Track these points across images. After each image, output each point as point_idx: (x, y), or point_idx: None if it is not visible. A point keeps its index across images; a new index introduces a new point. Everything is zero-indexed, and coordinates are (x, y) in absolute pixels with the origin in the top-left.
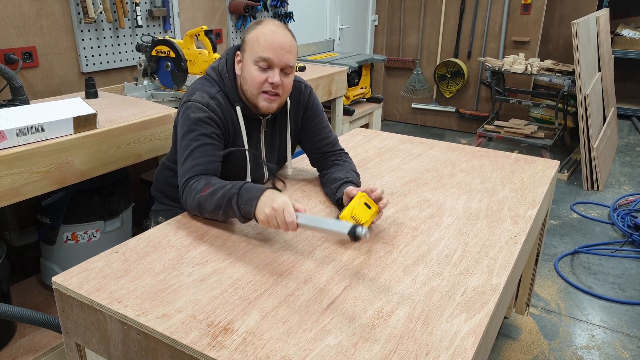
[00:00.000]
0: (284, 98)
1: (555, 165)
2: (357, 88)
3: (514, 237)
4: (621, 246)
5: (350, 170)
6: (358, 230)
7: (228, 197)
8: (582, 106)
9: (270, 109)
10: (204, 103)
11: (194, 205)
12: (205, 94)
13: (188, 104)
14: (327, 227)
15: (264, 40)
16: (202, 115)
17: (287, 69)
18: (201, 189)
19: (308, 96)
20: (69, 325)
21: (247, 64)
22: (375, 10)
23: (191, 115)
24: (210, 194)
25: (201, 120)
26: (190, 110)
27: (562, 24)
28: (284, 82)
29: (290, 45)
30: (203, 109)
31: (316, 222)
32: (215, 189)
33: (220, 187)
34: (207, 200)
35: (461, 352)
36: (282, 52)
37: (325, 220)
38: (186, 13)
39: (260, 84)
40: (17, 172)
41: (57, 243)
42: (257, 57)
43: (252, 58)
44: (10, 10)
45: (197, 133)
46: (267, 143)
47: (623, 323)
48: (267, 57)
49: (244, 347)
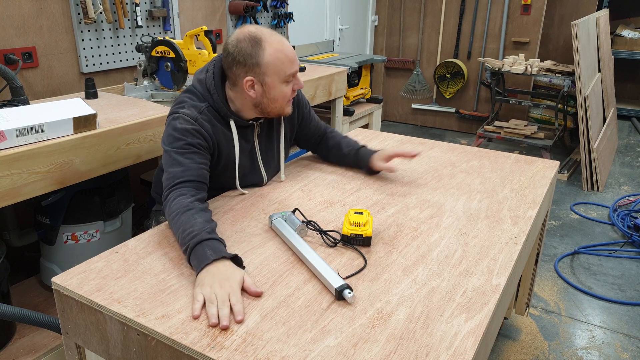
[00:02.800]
0: None
1: (555, 165)
2: (357, 88)
3: (513, 237)
4: (621, 247)
5: (350, 141)
6: (345, 293)
7: (183, 241)
8: (582, 107)
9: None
10: (192, 117)
11: (168, 215)
12: (194, 108)
13: (176, 115)
14: (320, 272)
15: (285, 57)
16: (189, 127)
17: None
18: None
19: (300, 96)
20: (68, 326)
21: (276, 86)
22: (375, 10)
23: (178, 126)
24: (181, 219)
25: (187, 131)
26: (178, 121)
27: (562, 24)
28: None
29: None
30: (190, 122)
31: (313, 263)
32: (186, 217)
33: (190, 223)
34: (172, 222)
35: (461, 353)
36: (296, 59)
37: (321, 264)
38: (186, 13)
39: (291, 96)
40: (17, 172)
41: (56, 243)
42: (287, 76)
43: (280, 79)
44: (10, 11)
45: (184, 142)
46: (263, 146)
47: (623, 324)
48: (295, 71)
49: (243, 347)
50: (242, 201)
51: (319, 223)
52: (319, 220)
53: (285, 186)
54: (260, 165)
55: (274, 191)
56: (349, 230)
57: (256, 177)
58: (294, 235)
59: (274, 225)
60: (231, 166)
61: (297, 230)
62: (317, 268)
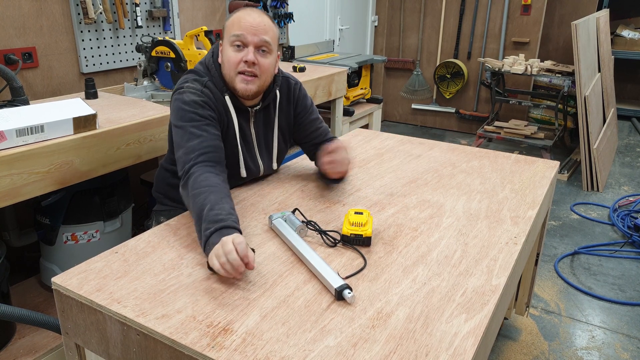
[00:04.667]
0: (262, 80)
1: (555, 166)
2: (357, 89)
3: (513, 237)
4: (621, 247)
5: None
6: (345, 293)
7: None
8: (582, 107)
9: (248, 90)
10: (197, 89)
11: (187, 198)
12: (197, 82)
13: (180, 90)
14: (320, 272)
15: (238, 20)
16: (197, 99)
17: (263, 48)
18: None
19: (298, 91)
20: (68, 326)
21: (225, 48)
22: (375, 11)
23: (186, 99)
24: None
25: (197, 103)
26: (185, 94)
27: (562, 24)
28: (261, 62)
29: (265, 25)
30: (197, 93)
31: (313, 263)
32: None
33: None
34: (199, 195)
35: (461, 353)
36: (255, 29)
37: (320, 264)
38: (186, 14)
39: (236, 64)
40: (17, 172)
41: (56, 244)
42: (231, 37)
43: (228, 40)
44: (10, 11)
45: (196, 114)
46: (259, 136)
47: (623, 324)
48: (241, 34)
49: (243, 347)
50: (242, 201)
51: (319, 223)
52: (319, 220)
53: (285, 186)
54: (257, 153)
55: (274, 191)
56: (349, 230)
57: (253, 165)
58: (294, 235)
59: (274, 225)
60: (231, 144)
61: (297, 230)
62: (317, 268)
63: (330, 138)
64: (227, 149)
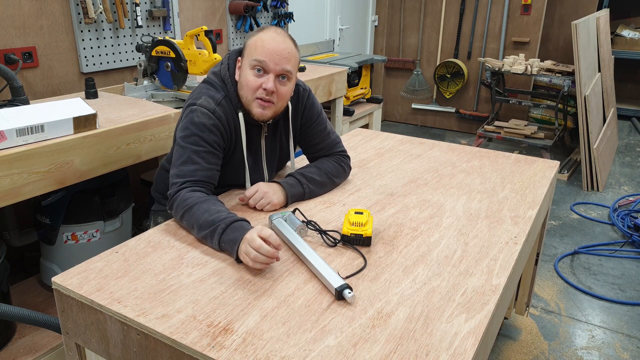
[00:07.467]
0: (279, 106)
1: (555, 165)
2: (357, 88)
3: (513, 237)
4: (621, 247)
5: (311, 166)
6: (345, 293)
7: (211, 230)
8: (582, 107)
9: (264, 115)
10: (210, 109)
11: (178, 214)
12: (211, 99)
13: (193, 107)
14: (321, 272)
15: (262, 44)
16: (207, 122)
17: (284, 76)
18: (200, 198)
19: (306, 99)
20: (68, 326)
21: (244, 68)
22: (375, 10)
23: (195, 120)
24: (197, 211)
25: (205, 127)
26: (195, 114)
27: (562, 24)
28: (280, 90)
29: (288, 53)
30: (208, 114)
31: (313, 263)
32: (205, 207)
33: (212, 211)
34: (192, 208)
35: (461, 353)
36: (279, 57)
37: (321, 264)
38: (186, 13)
39: (255, 89)
40: (17, 172)
41: (56, 243)
42: (253, 61)
43: (249, 62)
44: (10, 11)
45: (200, 139)
46: (268, 147)
47: (623, 324)
48: (262, 60)
49: (243, 347)
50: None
51: (319, 223)
52: (319, 220)
53: None
54: (264, 165)
55: None
56: (349, 230)
57: (258, 176)
58: (294, 235)
59: (274, 225)
60: (238, 160)
61: (297, 230)
62: (317, 268)
63: (336, 152)
64: (234, 164)
